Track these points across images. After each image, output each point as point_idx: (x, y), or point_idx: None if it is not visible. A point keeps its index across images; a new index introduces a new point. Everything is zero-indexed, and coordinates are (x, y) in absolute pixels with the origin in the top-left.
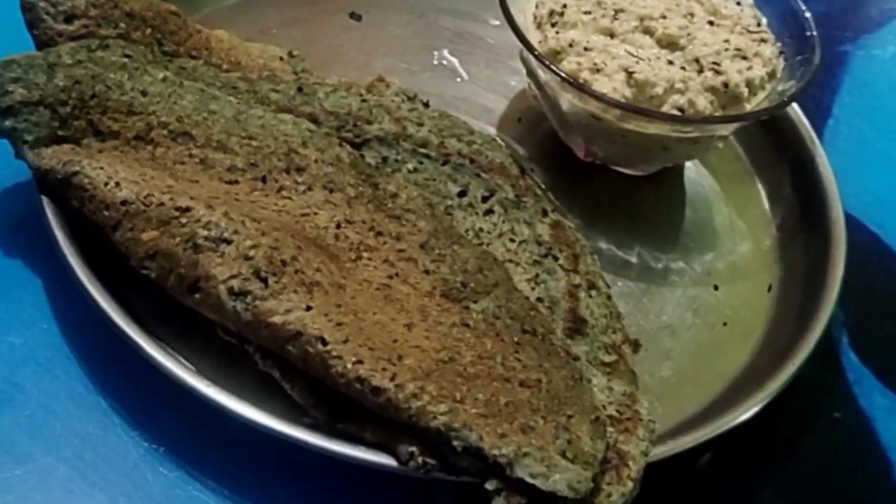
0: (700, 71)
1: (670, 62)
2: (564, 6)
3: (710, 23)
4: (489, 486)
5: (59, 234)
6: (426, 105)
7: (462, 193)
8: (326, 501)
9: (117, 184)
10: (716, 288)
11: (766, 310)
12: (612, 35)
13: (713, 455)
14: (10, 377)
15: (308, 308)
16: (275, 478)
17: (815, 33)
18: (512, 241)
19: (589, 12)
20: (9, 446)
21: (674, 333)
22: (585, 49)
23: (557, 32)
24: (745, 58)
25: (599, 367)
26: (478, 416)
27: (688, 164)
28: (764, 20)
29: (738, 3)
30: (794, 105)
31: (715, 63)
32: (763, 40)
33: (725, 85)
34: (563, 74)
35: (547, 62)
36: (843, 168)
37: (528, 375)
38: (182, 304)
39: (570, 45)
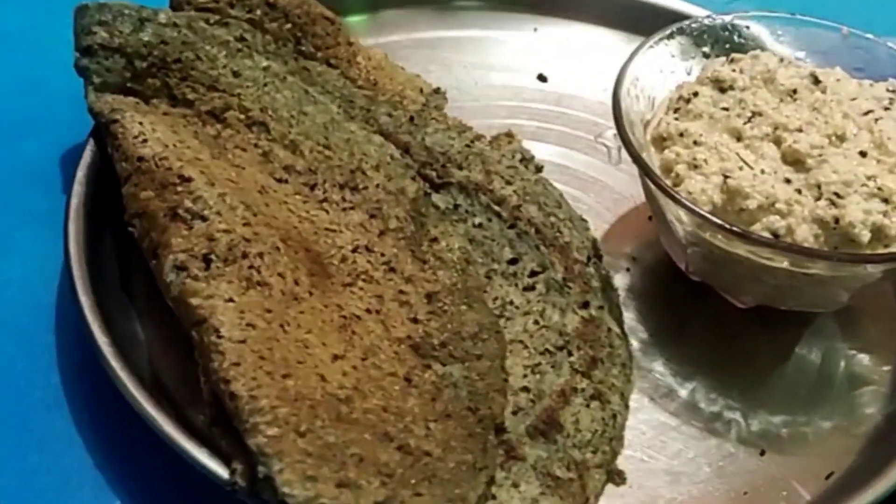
0: (817, 199)
1: (787, 181)
2: (695, 94)
3: (862, 153)
4: None
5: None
6: (539, 170)
7: (513, 261)
8: None
9: (145, 140)
10: (762, 454)
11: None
12: (738, 138)
13: None
14: None
15: (229, 300)
16: None
17: None
18: (536, 323)
19: (726, 109)
20: None
21: (676, 482)
22: (695, 143)
23: (676, 119)
24: (885, 201)
25: (542, 478)
26: (302, 452)
27: (831, 318)
28: None
29: None
30: None
31: (837, 195)
32: None
33: (836, 221)
34: (638, 158)
35: (633, 148)
36: None
37: (420, 444)
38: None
39: (680, 135)
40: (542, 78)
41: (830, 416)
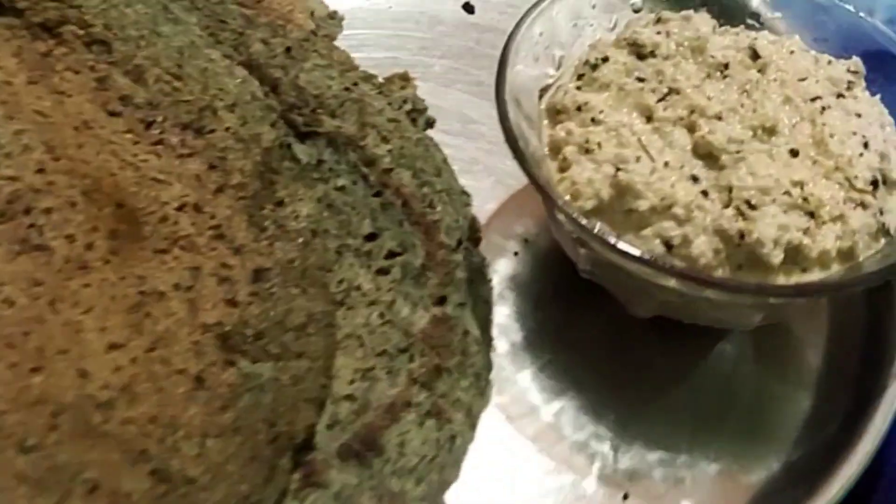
0: (726, 206)
1: (694, 179)
2: (604, 59)
3: (794, 152)
4: None
5: None
6: (429, 125)
7: (371, 237)
8: None
9: None
10: (625, 497)
11: None
12: (649, 118)
13: None
14: None
15: None
16: None
17: None
18: (381, 317)
19: (642, 80)
20: None
21: None
22: (593, 120)
23: (579, 87)
24: (810, 214)
25: None
26: (18, 476)
27: (747, 334)
28: None
29: (866, 146)
30: None
31: (749, 203)
32: (864, 205)
33: (742, 235)
34: (510, 136)
35: (508, 122)
36: None
37: (184, 467)
38: None
39: (578, 109)
40: (468, 7)
41: (718, 458)
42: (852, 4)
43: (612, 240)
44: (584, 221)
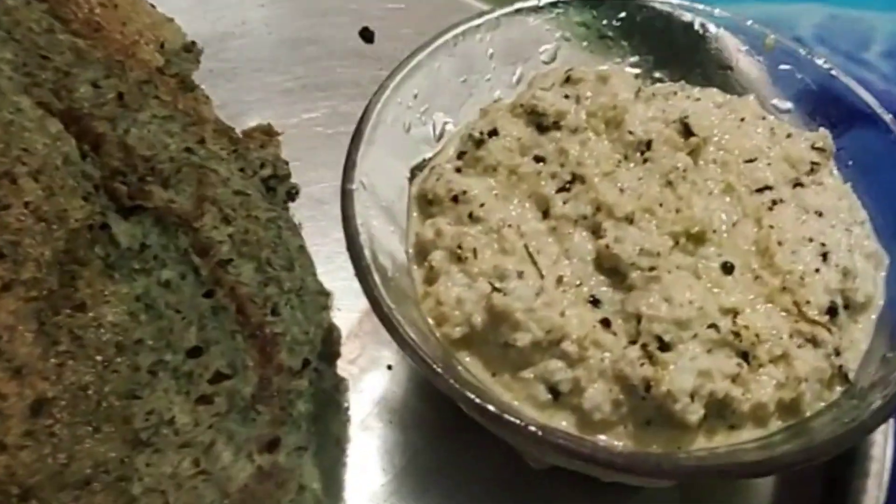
0: (633, 341)
1: (594, 301)
2: (492, 133)
3: (727, 267)
4: None
5: None
6: (290, 197)
7: (195, 352)
8: None
9: None
10: None
11: None
12: (546, 212)
13: None
14: None
15: None
16: None
17: None
18: (195, 464)
19: (541, 160)
20: None
21: None
22: (470, 216)
23: (458, 170)
24: (743, 355)
25: None
26: None
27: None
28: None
29: (825, 258)
30: None
31: (660, 341)
32: (815, 342)
33: (648, 387)
34: (353, 245)
35: (352, 224)
36: None
37: None
38: None
39: (454, 199)
40: (366, 35)
41: None
42: (845, 37)
43: (472, 395)
44: (437, 368)
